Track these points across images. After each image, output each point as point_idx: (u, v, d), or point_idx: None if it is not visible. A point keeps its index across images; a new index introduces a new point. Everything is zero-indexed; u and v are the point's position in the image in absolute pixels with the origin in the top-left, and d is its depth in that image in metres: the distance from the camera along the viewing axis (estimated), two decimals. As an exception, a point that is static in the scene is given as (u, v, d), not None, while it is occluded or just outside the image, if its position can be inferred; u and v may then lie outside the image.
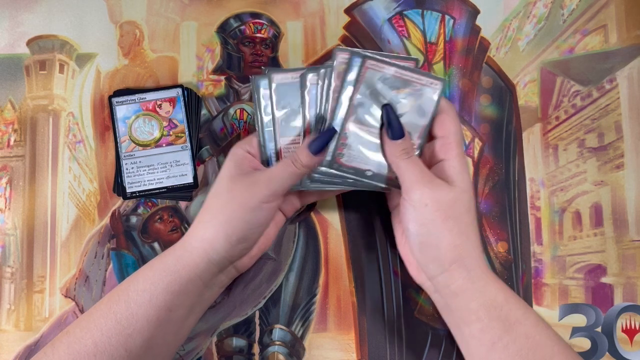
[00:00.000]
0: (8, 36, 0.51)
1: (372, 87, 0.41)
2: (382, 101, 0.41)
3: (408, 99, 0.41)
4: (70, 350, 0.37)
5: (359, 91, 0.41)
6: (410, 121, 0.42)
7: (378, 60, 0.41)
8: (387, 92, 0.41)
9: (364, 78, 0.41)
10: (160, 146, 0.49)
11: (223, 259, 0.40)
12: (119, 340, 0.37)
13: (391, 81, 0.41)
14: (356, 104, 0.41)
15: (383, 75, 0.41)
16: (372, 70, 0.41)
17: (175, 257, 0.40)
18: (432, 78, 0.41)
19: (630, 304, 0.48)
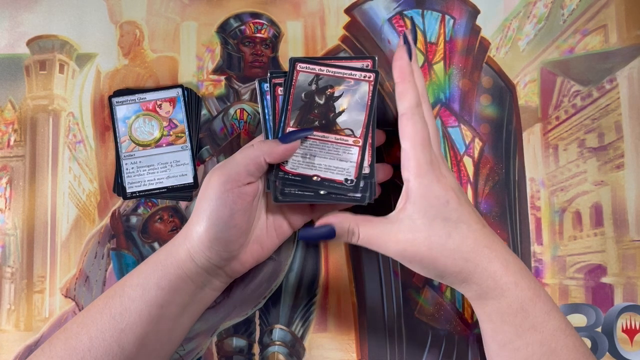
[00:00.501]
0: (8, 36, 0.51)
1: (306, 90, 0.41)
2: (318, 102, 0.41)
3: (345, 96, 0.41)
4: (67, 346, 0.38)
5: (293, 96, 0.41)
6: (351, 118, 0.41)
7: (307, 62, 0.41)
8: (322, 92, 0.41)
9: (297, 82, 0.41)
10: (160, 146, 0.49)
11: (205, 262, 0.40)
12: (113, 336, 0.38)
13: (325, 80, 0.41)
14: (294, 108, 0.41)
15: (315, 77, 0.41)
16: (303, 72, 0.41)
17: (166, 252, 0.40)
18: (365, 71, 0.41)
19: (630, 304, 0.48)
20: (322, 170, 0.41)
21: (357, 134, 0.41)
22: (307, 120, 0.41)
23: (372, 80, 0.41)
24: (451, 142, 0.50)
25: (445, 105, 0.51)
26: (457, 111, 0.51)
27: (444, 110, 0.51)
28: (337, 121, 0.41)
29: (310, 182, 0.41)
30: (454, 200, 0.37)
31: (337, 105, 0.41)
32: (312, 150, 0.41)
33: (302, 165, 0.41)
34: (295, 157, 0.41)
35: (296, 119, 0.41)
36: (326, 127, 0.41)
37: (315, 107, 0.41)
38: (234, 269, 0.42)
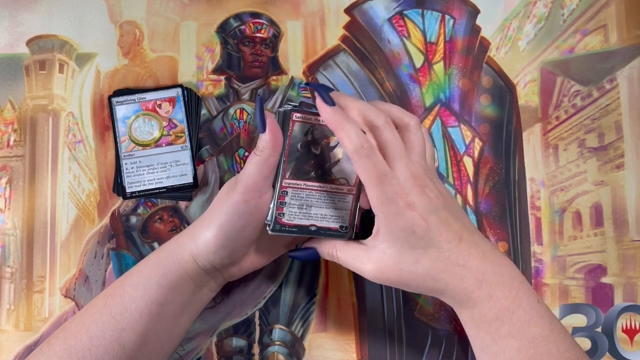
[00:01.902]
0: (8, 36, 0.51)
1: (302, 140, 0.41)
2: (314, 152, 0.41)
3: (339, 147, 0.41)
4: (66, 345, 0.38)
5: (289, 147, 0.40)
6: (345, 168, 0.41)
7: (304, 112, 0.40)
8: (318, 143, 0.41)
9: (292, 132, 0.40)
10: (160, 146, 0.49)
11: (207, 264, 0.40)
12: (113, 335, 0.38)
13: (319, 131, 0.41)
14: (289, 160, 0.40)
15: (311, 127, 0.41)
16: (299, 122, 0.40)
17: (168, 251, 0.41)
18: None
19: (630, 304, 0.48)
20: (319, 220, 0.41)
21: (351, 183, 0.41)
22: (303, 170, 0.41)
23: None
24: (451, 142, 0.50)
25: (445, 105, 0.51)
26: (457, 111, 0.51)
27: (444, 110, 0.51)
28: (333, 171, 0.41)
29: (307, 231, 0.41)
30: (421, 227, 0.37)
31: (332, 155, 0.41)
32: (308, 200, 0.41)
33: (299, 216, 0.41)
34: (291, 208, 0.40)
35: (292, 170, 0.40)
36: (322, 177, 0.41)
37: (311, 158, 0.41)
38: (232, 273, 0.42)
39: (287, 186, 0.40)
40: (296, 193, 0.41)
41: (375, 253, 0.38)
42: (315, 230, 0.41)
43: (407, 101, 0.51)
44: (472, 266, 0.37)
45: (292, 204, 0.41)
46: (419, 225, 0.37)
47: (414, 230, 0.37)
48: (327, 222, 0.41)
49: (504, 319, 0.37)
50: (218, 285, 0.43)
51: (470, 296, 0.37)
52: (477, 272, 0.37)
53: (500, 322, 0.37)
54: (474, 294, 0.37)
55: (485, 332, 0.38)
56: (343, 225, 0.42)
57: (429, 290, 0.38)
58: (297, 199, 0.41)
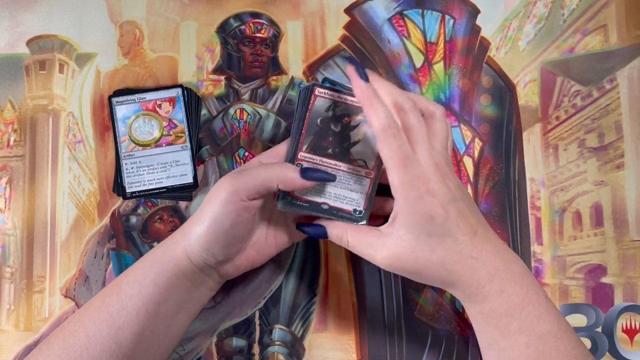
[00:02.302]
0: (8, 36, 0.51)
1: (322, 116, 0.40)
2: (334, 130, 0.40)
3: (361, 126, 0.41)
4: (65, 344, 0.38)
5: (308, 120, 0.40)
6: (365, 149, 0.41)
7: (327, 88, 0.40)
8: (339, 120, 0.41)
9: (313, 107, 0.40)
10: (160, 146, 0.49)
11: (200, 261, 0.40)
12: (110, 333, 0.38)
13: (342, 108, 0.40)
14: (307, 134, 0.40)
15: (333, 103, 0.40)
16: (322, 98, 0.40)
17: (163, 249, 0.40)
18: None
19: (630, 304, 0.48)
20: (332, 199, 0.41)
21: (370, 166, 0.41)
22: (321, 146, 0.40)
23: None
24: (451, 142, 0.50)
25: (445, 105, 0.51)
26: (457, 111, 0.51)
27: (444, 110, 0.51)
28: (351, 151, 0.41)
29: (318, 209, 0.40)
30: (440, 215, 0.37)
31: (353, 135, 0.41)
32: None
33: (312, 192, 0.40)
34: None
35: (309, 144, 0.40)
36: (339, 155, 0.41)
37: (330, 135, 0.40)
38: (227, 271, 0.42)
39: (302, 159, 0.40)
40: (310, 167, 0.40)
41: (391, 240, 0.38)
42: (327, 209, 0.40)
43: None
44: (485, 260, 0.37)
45: None
46: (438, 213, 0.37)
47: (432, 216, 0.37)
48: (341, 203, 0.41)
49: (514, 315, 0.37)
50: (216, 283, 0.43)
51: (482, 290, 0.37)
52: (490, 267, 0.37)
53: (511, 317, 0.37)
54: (485, 288, 0.37)
55: (494, 327, 0.37)
56: (357, 208, 0.41)
57: (440, 282, 0.38)
58: None
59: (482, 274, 0.37)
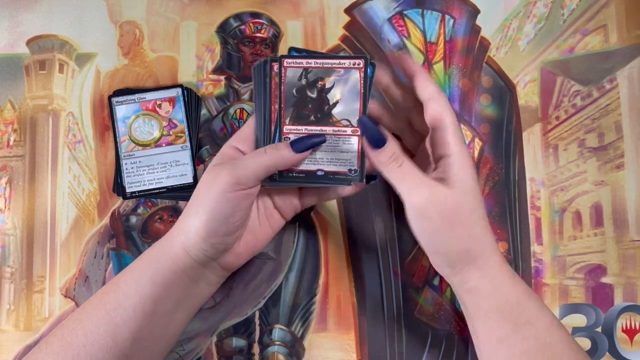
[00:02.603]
0: (8, 36, 0.51)
1: (297, 85, 0.41)
2: (311, 96, 0.41)
3: (337, 86, 0.41)
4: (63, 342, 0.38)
5: (285, 93, 0.41)
6: (346, 108, 0.41)
7: (294, 57, 0.41)
8: (313, 85, 0.41)
9: (286, 78, 0.41)
10: (160, 146, 0.49)
11: (200, 254, 0.40)
12: (107, 331, 0.38)
13: (314, 73, 0.41)
14: (287, 106, 0.41)
15: (304, 70, 0.41)
16: (292, 68, 0.40)
17: (160, 247, 0.40)
18: (352, 59, 0.40)
19: (630, 304, 0.48)
20: (325, 164, 0.41)
21: (355, 123, 0.41)
22: (302, 115, 0.41)
23: (361, 66, 0.40)
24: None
25: (445, 105, 0.51)
26: (457, 111, 0.51)
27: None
28: (333, 113, 0.41)
29: (315, 177, 0.41)
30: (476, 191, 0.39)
31: (330, 96, 0.41)
32: None
33: (305, 161, 0.41)
34: None
35: (291, 116, 0.41)
36: (322, 120, 0.41)
37: (308, 102, 0.41)
38: (228, 261, 0.42)
39: (288, 132, 0.41)
40: None
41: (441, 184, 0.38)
42: (323, 175, 0.41)
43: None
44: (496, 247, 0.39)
45: None
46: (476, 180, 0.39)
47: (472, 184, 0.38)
48: (335, 166, 0.41)
49: (524, 305, 0.38)
50: (218, 277, 0.43)
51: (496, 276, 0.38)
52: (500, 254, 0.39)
53: (521, 307, 0.38)
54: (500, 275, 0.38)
55: (505, 320, 0.38)
56: (352, 168, 0.41)
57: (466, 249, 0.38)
58: None
59: (497, 258, 0.39)
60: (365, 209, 0.50)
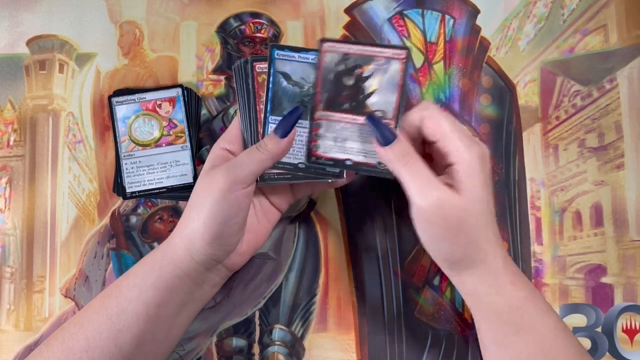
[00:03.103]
0: (8, 36, 0.51)
1: (334, 70, 0.39)
2: (347, 83, 0.40)
3: (375, 76, 0.40)
4: (64, 346, 0.38)
5: (321, 77, 0.39)
6: (382, 99, 0.40)
7: (334, 41, 0.39)
8: (351, 72, 0.40)
9: (323, 62, 0.39)
10: (160, 146, 0.49)
11: (205, 258, 0.40)
12: (109, 336, 0.38)
13: (353, 60, 0.39)
14: (322, 90, 0.40)
15: (343, 56, 0.39)
16: (330, 53, 0.39)
17: (162, 252, 0.40)
18: (395, 48, 0.39)
19: (630, 304, 0.48)
20: (354, 154, 0.40)
21: (390, 116, 0.40)
22: (337, 102, 0.40)
23: (403, 57, 0.39)
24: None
25: (445, 105, 0.51)
26: (457, 111, 0.51)
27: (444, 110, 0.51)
28: (368, 103, 0.40)
29: (342, 165, 0.41)
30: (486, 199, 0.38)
31: (367, 86, 0.40)
32: (343, 133, 0.40)
33: (334, 148, 0.40)
34: (326, 140, 0.40)
35: (325, 101, 0.40)
36: (357, 109, 0.40)
37: (344, 89, 0.40)
38: (233, 261, 0.42)
39: (320, 118, 0.40)
40: (330, 125, 0.40)
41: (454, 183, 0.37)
42: (350, 165, 0.40)
43: (407, 101, 0.51)
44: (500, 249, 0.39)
45: (327, 136, 0.40)
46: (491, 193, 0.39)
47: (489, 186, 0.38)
48: (364, 157, 0.40)
49: (525, 309, 0.37)
50: (222, 279, 0.43)
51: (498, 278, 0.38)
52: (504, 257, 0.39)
53: (522, 312, 0.37)
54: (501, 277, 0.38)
55: (508, 324, 0.37)
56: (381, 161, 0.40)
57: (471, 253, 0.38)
58: (331, 131, 0.40)
59: (500, 261, 0.38)
60: (365, 209, 0.50)
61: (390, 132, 0.38)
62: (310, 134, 0.40)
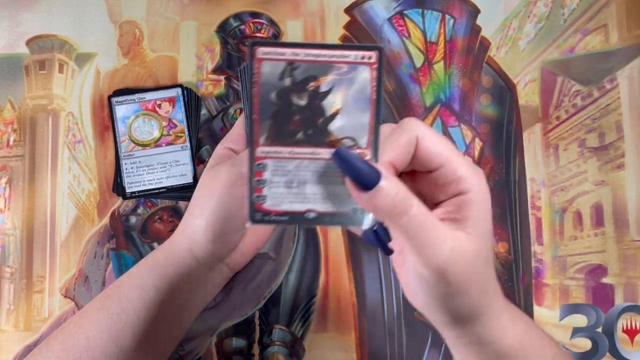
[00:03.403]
0: (7, 36, 0.51)
1: (278, 87, 0.28)
2: (298, 103, 0.29)
3: (336, 90, 0.29)
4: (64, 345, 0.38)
5: (259, 97, 0.28)
6: (350, 122, 0.29)
7: (273, 45, 0.28)
8: (302, 87, 0.28)
9: (260, 76, 0.28)
10: (159, 146, 0.49)
11: (207, 255, 0.40)
12: (110, 336, 0.37)
13: (303, 70, 0.28)
14: (262, 118, 0.28)
15: (288, 66, 0.28)
16: (269, 61, 0.28)
17: (164, 252, 0.40)
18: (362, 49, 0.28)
19: (631, 304, 0.48)
20: (319, 202, 0.30)
21: (362, 144, 0.29)
22: (286, 131, 0.29)
23: (373, 62, 0.28)
24: (451, 142, 0.50)
25: (445, 105, 0.50)
26: (457, 111, 0.51)
27: (444, 110, 0.51)
28: (330, 129, 0.29)
29: (303, 220, 0.30)
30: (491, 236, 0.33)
31: (327, 105, 0.29)
32: (299, 175, 0.29)
33: (288, 198, 0.29)
34: (275, 187, 0.29)
35: (268, 133, 0.29)
36: (315, 138, 0.29)
37: (294, 112, 0.29)
38: (234, 260, 0.42)
39: (264, 156, 0.29)
40: (280, 165, 0.29)
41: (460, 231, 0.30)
42: (315, 218, 0.30)
43: (407, 101, 0.51)
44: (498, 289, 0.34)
45: (276, 181, 0.29)
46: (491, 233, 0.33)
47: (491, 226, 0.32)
48: (333, 205, 0.29)
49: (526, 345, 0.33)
50: (223, 279, 0.43)
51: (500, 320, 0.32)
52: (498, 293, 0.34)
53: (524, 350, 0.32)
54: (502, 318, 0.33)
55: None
56: (357, 207, 0.30)
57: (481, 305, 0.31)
58: (282, 174, 0.29)
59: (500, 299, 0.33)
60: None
61: (372, 170, 0.28)
62: (252, 181, 0.29)
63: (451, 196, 0.30)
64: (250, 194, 0.30)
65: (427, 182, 0.31)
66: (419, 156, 0.30)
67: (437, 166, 0.30)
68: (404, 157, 0.30)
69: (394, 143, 0.30)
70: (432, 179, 0.30)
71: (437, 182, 0.30)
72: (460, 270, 0.29)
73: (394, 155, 0.30)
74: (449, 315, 0.31)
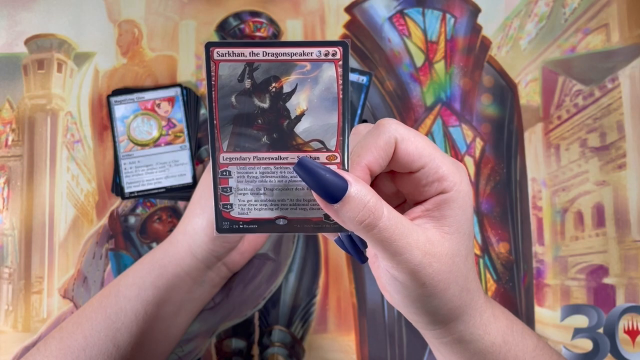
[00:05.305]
0: (6, 35, 0.51)
1: (237, 90, 0.27)
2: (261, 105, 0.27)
3: (301, 90, 0.27)
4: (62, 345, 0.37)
5: (217, 101, 0.27)
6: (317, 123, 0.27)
7: (230, 46, 0.27)
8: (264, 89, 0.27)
9: (217, 77, 0.27)
10: (158, 146, 0.49)
11: (207, 254, 0.40)
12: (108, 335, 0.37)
13: (264, 70, 0.27)
14: (222, 123, 0.27)
15: (247, 67, 0.27)
16: (227, 63, 0.27)
17: (163, 251, 0.40)
18: (323, 46, 0.27)
19: (632, 305, 0.48)
20: (288, 208, 0.28)
21: (331, 146, 0.28)
22: (249, 136, 0.27)
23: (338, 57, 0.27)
24: (452, 142, 0.50)
25: (446, 105, 0.50)
26: (458, 110, 0.50)
27: (445, 110, 0.50)
28: (296, 131, 0.28)
29: (273, 228, 0.29)
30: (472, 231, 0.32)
31: (292, 106, 0.27)
32: (266, 181, 0.28)
33: (256, 205, 0.28)
34: (242, 195, 0.28)
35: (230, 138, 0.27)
36: (281, 142, 0.28)
37: (257, 116, 0.27)
38: (233, 260, 0.42)
39: (227, 163, 0.28)
40: (245, 172, 0.28)
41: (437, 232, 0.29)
42: (286, 225, 0.29)
43: (408, 101, 0.50)
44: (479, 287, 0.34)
45: (242, 188, 0.28)
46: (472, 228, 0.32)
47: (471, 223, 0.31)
48: (303, 211, 0.28)
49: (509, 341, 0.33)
50: (222, 278, 0.43)
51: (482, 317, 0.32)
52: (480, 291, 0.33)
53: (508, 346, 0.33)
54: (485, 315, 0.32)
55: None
56: None
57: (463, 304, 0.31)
58: (248, 180, 0.28)
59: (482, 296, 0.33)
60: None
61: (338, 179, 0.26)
62: (217, 189, 0.28)
63: (432, 195, 0.29)
64: (217, 203, 0.28)
65: (408, 182, 0.30)
66: (398, 159, 0.29)
67: (418, 168, 0.29)
68: (381, 160, 0.28)
69: (371, 145, 0.28)
70: (412, 180, 0.30)
71: (418, 182, 0.29)
72: (436, 271, 0.28)
73: (372, 158, 0.28)
74: (427, 315, 0.31)
